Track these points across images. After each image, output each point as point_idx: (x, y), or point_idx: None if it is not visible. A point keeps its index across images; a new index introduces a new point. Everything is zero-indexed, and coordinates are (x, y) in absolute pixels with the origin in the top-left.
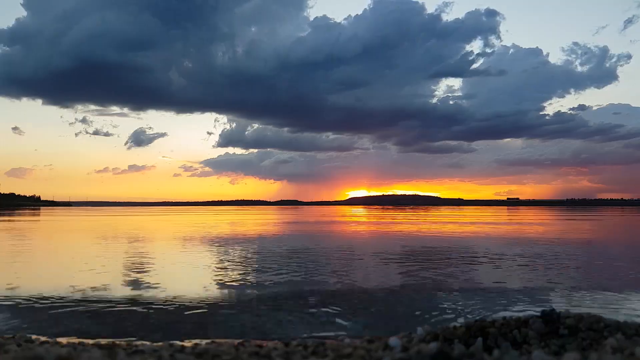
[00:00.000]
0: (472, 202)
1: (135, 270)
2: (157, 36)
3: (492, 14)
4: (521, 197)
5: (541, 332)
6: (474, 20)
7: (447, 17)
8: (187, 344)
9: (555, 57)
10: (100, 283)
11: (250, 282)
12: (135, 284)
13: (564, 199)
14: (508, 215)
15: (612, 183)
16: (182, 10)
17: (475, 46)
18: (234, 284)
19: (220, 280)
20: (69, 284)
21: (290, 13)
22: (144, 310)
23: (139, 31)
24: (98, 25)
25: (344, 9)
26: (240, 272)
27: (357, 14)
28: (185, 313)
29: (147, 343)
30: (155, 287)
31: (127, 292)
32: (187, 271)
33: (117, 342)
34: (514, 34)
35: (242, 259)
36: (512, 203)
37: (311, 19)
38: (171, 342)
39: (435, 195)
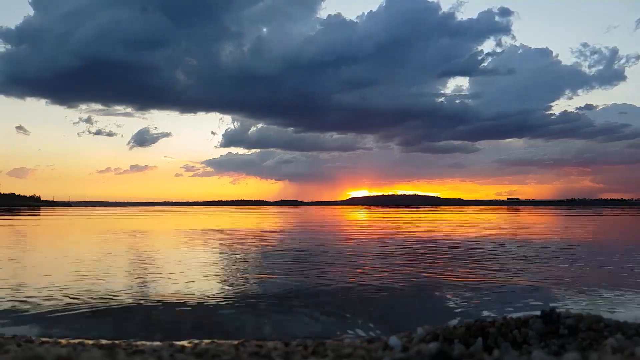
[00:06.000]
0: (472, 202)
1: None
2: (165, 35)
3: (505, 13)
4: (522, 197)
5: (541, 332)
6: (487, 19)
7: (462, 16)
8: (187, 344)
9: (565, 58)
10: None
11: None
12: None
13: (564, 199)
14: (505, 219)
15: (613, 183)
16: (191, 10)
17: (487, 45)
18: None
19: None
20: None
21: (303, 12)
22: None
23: (145, 30)
24: (105, 25)
25: (360, 6)
26: None
27: (371, 11)
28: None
29: (147, 343)
30: None
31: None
32: None
33: (117, 342)
34: (524, 34)
35: None
36: (512, 203)
37: (324, 17)
38: (171, 342)
39: (436, 196)
